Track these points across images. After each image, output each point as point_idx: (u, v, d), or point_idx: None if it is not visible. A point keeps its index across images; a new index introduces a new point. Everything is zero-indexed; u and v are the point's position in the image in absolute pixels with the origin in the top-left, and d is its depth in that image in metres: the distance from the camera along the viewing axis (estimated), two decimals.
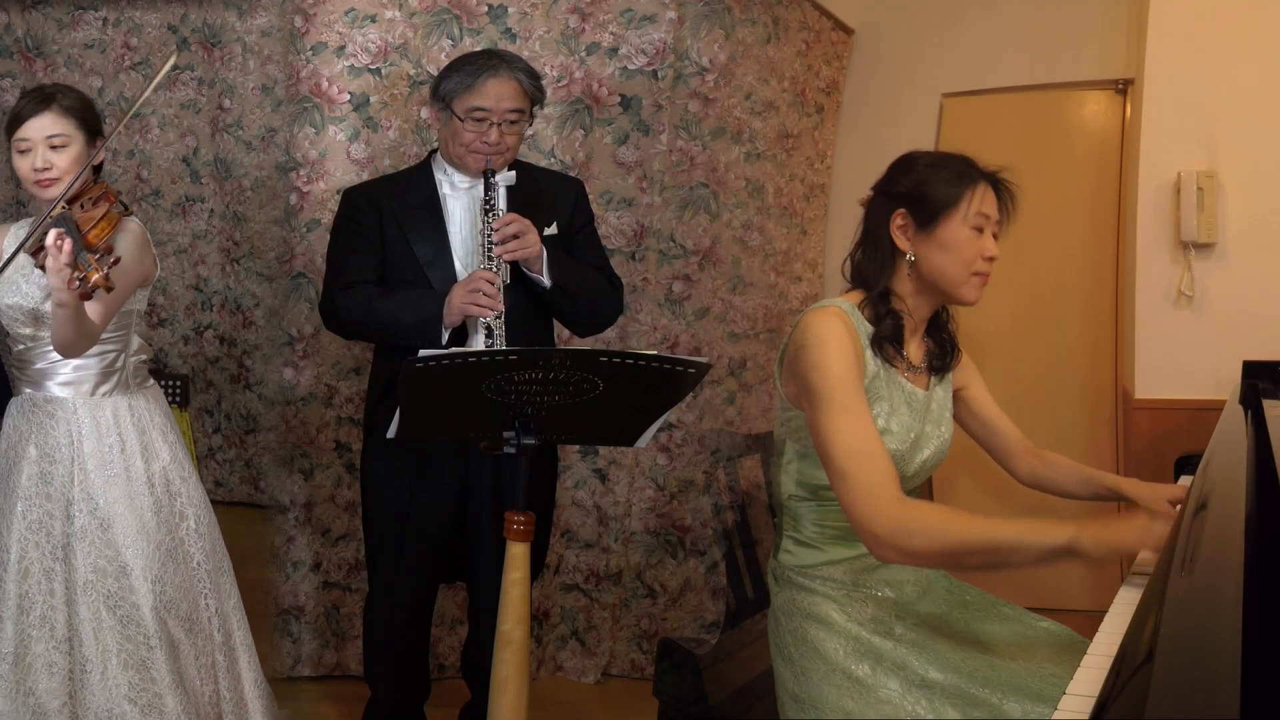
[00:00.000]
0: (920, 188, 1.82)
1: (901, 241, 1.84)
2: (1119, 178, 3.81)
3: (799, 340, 1.79)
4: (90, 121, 2.21)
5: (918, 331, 1.91)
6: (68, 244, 1.92)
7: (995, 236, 1.84)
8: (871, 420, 1.73)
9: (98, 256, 1.94)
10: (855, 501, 1.65)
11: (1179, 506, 1.79)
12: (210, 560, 2.31)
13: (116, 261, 1.97)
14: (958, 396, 2.05)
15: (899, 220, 1.83)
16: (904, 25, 4.17)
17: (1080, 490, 2.09)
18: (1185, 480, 2.27)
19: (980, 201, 1.81)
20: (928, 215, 1.81)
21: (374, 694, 2.67)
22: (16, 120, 2.17)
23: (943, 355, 1.95)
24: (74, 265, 1.92)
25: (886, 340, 1.82)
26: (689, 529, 3.37)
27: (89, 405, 2.22)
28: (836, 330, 1.75)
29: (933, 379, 1.94)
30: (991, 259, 1.83)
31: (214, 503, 2.42)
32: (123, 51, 4.53)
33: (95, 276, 1.91)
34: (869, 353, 1.80)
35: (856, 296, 1.86)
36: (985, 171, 1.84)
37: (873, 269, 1.86)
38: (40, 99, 2.17)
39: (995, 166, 1.85)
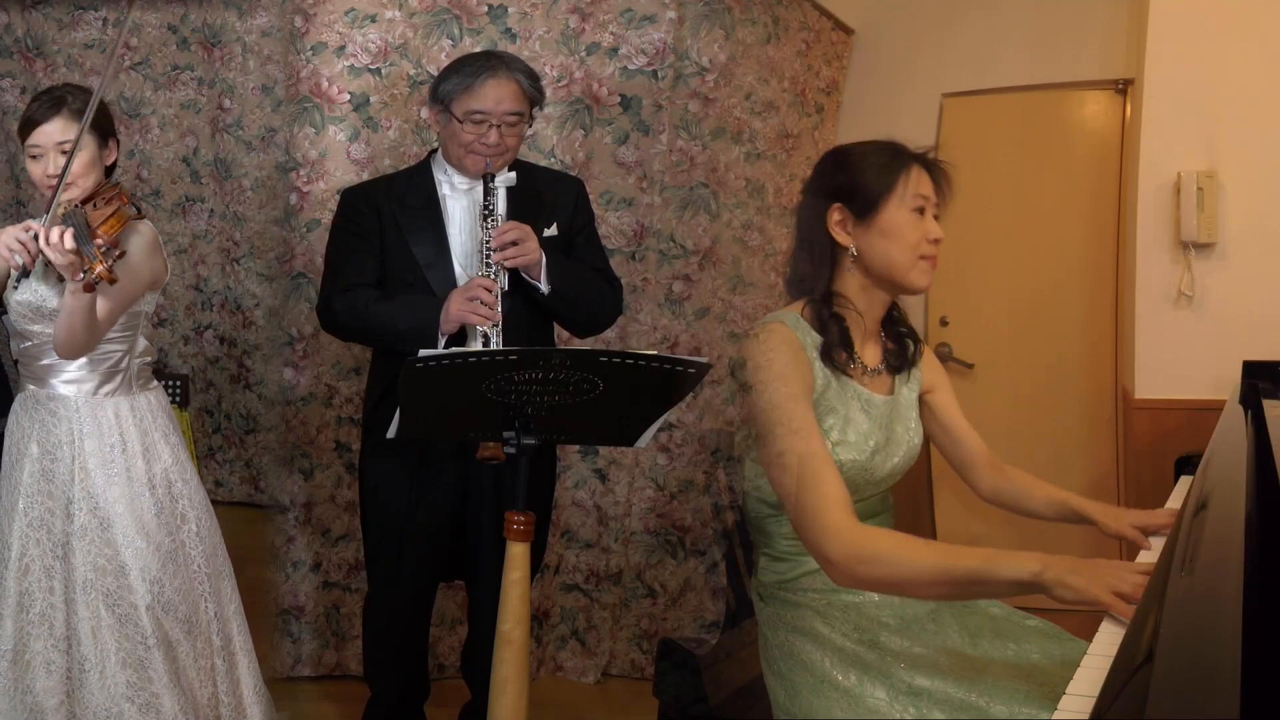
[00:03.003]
0: (853, 179, 1.75)
1: (842, 237, 1.76)
2: (1119, 178, 3.81)
3: (741, 361, 1.74)
4: (102, 123, 2.19)
5: (872, 333, 1.85)
6: (69, 234, 1.93)
7: (936, 218, 1.77)
8: (820, 439, 1.67)
9: (103, 249, 1.95)
10: (808, 526, 1.61)
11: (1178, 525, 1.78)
12: (211, 564, 2.30)
13: (121, 255, 1.98)
14: (922, 399, 1.97)
15: (836, 216, 1.76)
16: (904, 25, 4.17)
17: (1045, 510, 1.99)
18: (1185, 480, 2.26)
19: (916, 183, 1.75)
20: (865, 205, 1.74)
21: (374, 694, 2.67)
22: (28, 125, 2.16)
23: (902, 352, 1.88)
24: (79, 255, 1.93)
25: (835, 347, 1.75)
26: (689, 529, 3.37)
27: (91, 404, 2.21)
28: (778, 349, 1.71)
29: (896, 379, 1.88)
30: (936, 240, 1.76)
31: (214, 503, 2.41)
32: (123, 51, 4.52)
33: (99, 268, 1.93)
34: (817, 364, 1.74)
35: (800, 306, 1.80)
36: (916, 153, 1.78)
37: (813, 272, 1.79)
38: (50, 103, 2.15)
39: (925, 148, 1.80)
